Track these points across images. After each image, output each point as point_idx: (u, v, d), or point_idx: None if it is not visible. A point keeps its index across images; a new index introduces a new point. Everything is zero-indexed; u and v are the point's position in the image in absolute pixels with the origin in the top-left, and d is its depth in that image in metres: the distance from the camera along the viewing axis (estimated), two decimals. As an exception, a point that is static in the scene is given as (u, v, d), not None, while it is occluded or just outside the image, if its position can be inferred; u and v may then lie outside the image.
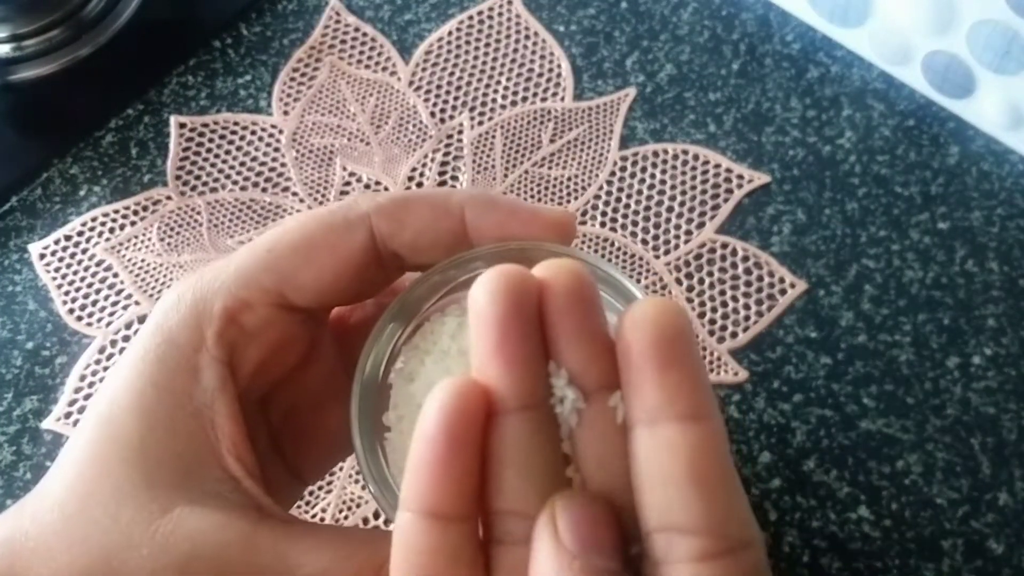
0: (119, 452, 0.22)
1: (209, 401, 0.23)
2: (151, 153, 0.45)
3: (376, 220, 0.25)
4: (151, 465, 0.22)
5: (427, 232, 0.25)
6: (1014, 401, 0.38)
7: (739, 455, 0.37)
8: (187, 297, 0.24)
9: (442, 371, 0.24)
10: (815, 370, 0.39)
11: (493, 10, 0.48)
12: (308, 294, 0.24)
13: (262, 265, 0.24)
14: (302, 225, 0.25)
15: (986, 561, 0.35)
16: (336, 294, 0.25)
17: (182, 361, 0.23)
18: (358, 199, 0.25)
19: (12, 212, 0.44)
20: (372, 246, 0.25)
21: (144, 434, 0.23)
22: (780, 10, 0.47)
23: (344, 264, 0.24)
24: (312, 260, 0.24)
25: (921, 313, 0.40)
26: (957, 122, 0.43)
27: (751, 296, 0.40)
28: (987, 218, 0.41)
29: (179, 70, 0.47)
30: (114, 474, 0.22)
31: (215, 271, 0.24)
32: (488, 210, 0.25)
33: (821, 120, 0.44)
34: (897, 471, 0.37)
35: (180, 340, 0.23)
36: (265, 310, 0.24)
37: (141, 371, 0.23)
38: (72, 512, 0.22)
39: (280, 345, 0.25)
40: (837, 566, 0.35)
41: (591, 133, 0.44)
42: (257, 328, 0.24)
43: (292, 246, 0.24)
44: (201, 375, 0.23)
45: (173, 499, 0.22)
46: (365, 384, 0.24)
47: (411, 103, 0.46)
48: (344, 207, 0.25)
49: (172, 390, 0.23)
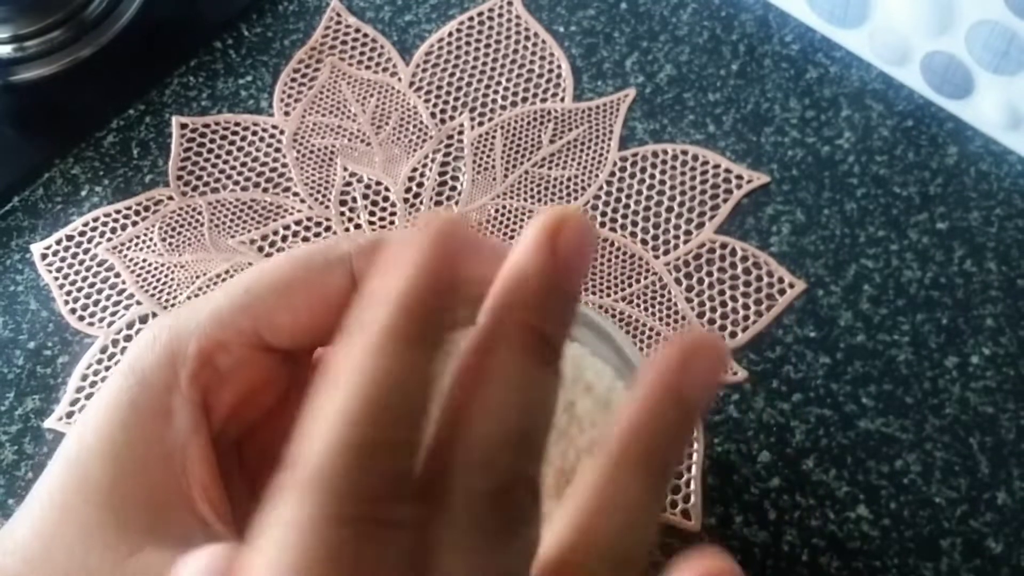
0: (87, 495, 0.22)
1: (181, 444, 0.23)
2: (152, 153, 0.45)
3: (357, 261, 0.24)
4: (120, 508, 0.22)
5: None
6: (1012, 401, 0.38)
7: (738, 454, 0.38)
8: (162, 337, 0.24)
9: None
10: (814, 370, 0.39)
11: (493, 11, 0.48)
12: (285, 335, 0.24)
13: (238, 306, 0.24)
14: (280, 266, 0.24)
15: (984, 560, 0.35)
16: (315, 335, 0.24)
17: (154, 403, 0.23)
18: (339, 240, 0.25)
19: (14, 212, 0.44)
20: (352, 287, 0.24)
21: (114, 477, 0.22)
22: (779, 11, 0.47)
23: (322, 305, 0.24)
24: (289, 301, 0.24)
25: (920, 313, 0.40)
26: (956, 122, 0.43)
27: (750, 296, 0.40)
28: (985, 218, 0.41)
29: (180, 71, 0.47)
30: (81, 517, 0.22)
31: (191, 311, 0.24)
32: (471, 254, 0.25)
33: (820, 120, 0.44)
34: (896, 470, 0.37)
35: (153, 381, 0.23)
36: (241, 351, 0.24)
37: (112, 413, 0.23)
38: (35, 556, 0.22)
39: (256, 387, 0.25)
40: (836, 565, 0.36)
41: (591, 134, 0.45)
42: (232, 370, 0.24)
43: (270, 287, 0.24)
44: (174, 417, 0.23)
45: (141, 543, 0.22)
46: None
47: (412, 104, 0.46)
48: (324, 248, 0.24)
49: (143, 433, 0.23)
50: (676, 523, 0.36)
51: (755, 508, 0.37)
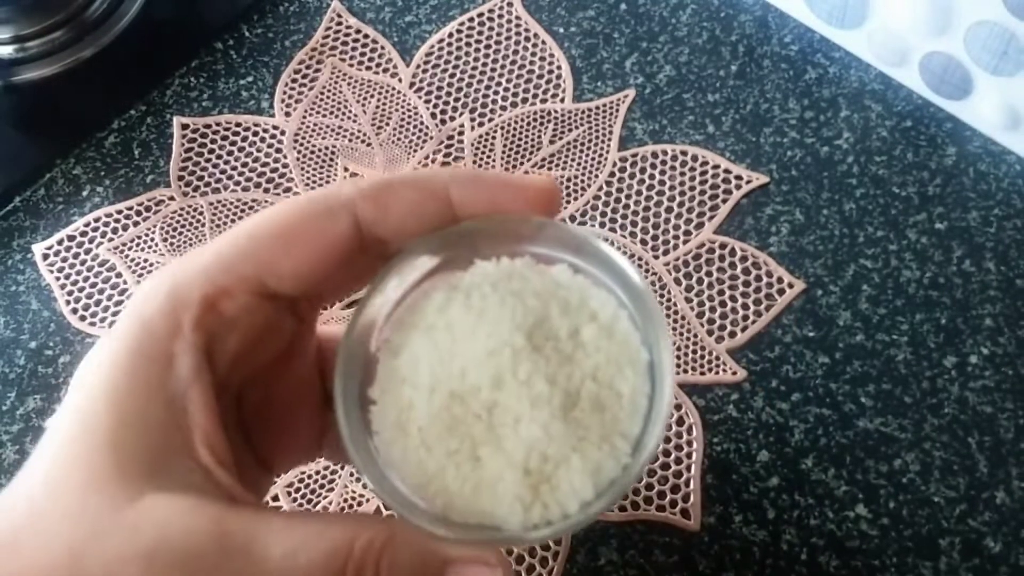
0: (90, 442, 0.22)
1: (183, 389, 0.23)
2: (154, 154, 0.45)
3: (360, 206, 0.24)
4: (122, 455, 0.22)
5: (413, 215, 0.25)
6: (1011, 400, 0.38)
7: (737, 454, 0.38)
8: (165, 284, 0.24)
9: (429, 346, 0.24)
10: (813, 369, 0.39)
11: (493, 12, 0.48)
12: (289, 282, 0.24)
13: (242, 252, 0.24)
14: (284, 212, 0.24)
15: (983, 559, 0.35)
16: (318, 283, 0.25)
17: (157, 349, 0.23)
18: (341, 185, 0.25)
19: (15, 212, 0.44)
20: (355, 233, 0.24)
21: (116, 424, 0.22)
22: (778, 11, 0.47)
23: (326, 252, 0.24)
24: (293, 247, 0.24)
25: (918, 313, 0.40)
26: (954, 123, 0.44)
27: (749, 296, 0.41)
28: (984, 218, 0.42)
29: (181, 71, 0.47)
30: (85, 465, 0.22)
31: (194, 258, 0.24)
32: (474, 187, 0.25)
33: (819, 121, 0.44)
34: (895, 470, 0.37)
35: (156, 328, 0.23)
36: (245, 298, 0.24)
37: (115, 360, 0.23)
38: (41, 505, 0.22)
39: (260, 335, 0.25)
40: (835, 564, 0.36)
41: (591, 134, 0.45)
42: (236, 316, 0.24)
43: (273, 233, 0.24)
44: (176, 363, 0.23)
45: (143, 488, 0.22)
46: (349, 356, 0.24)
47: (412, 104, 0.46)
48: (327, 193, 0.25)
49: (146, 379, 0.23)
50: (675, 522, 0.36)
51: (754, 507, 0.37)
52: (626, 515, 0.37)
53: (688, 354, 0.40)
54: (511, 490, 0.22)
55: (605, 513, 0.37)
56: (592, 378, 0.23)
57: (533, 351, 0.23)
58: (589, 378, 0.23)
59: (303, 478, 0.38)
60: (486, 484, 0.23)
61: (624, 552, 0.36)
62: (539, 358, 0.23)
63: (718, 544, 0.36)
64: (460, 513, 0.23)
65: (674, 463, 0.38)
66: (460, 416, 0.23)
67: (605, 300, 0.24)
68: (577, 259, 0.25)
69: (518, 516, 0.23)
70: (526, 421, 0.23)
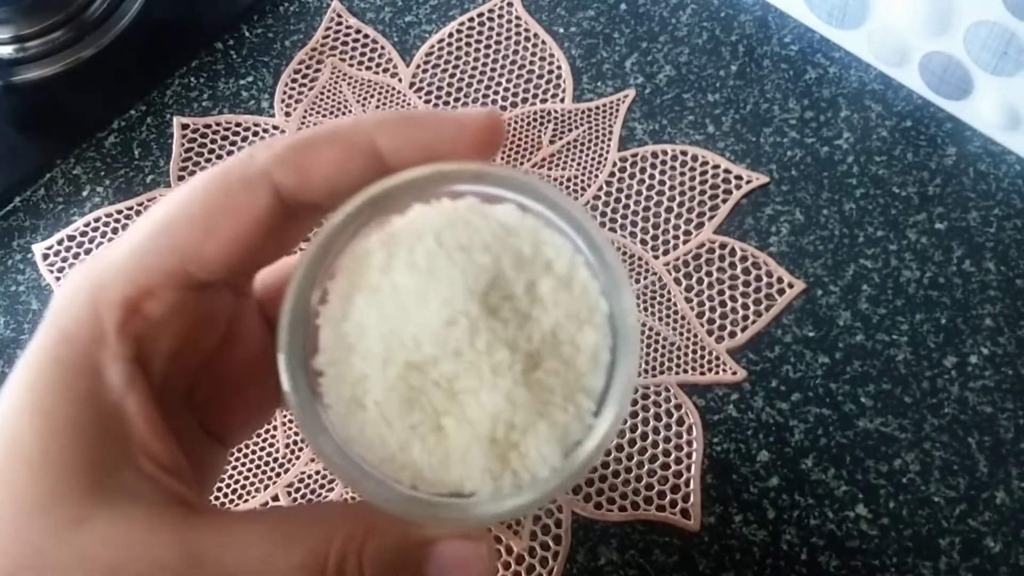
0: (18, 463, 0.20)
1: (115, 401, 0.21)
2: (154, 154, 0.45)
3: (278, 174, 0.22)
4: (58, 473, 0.20)
5: (340, 176, 0.22)
6: (1011, 400, 0.38)
7: (737, 454, 0.38)
8: (83, 290, 0.21)
9: (376, 313, 0.22)
10: (813, 369, 0.39)
11: (493, 12, 0.48)
12: (215, 268, 0.22)
13: (160, 245, 0.21)
14: (198, 193, 0.22)
15: (983, 559, 0.35)
16: (248, 261, 0.23)
17: (82, 359, 0.21)
18: (254, 151, 0.22)
19: (15, 212, 0.44)
20: (278, 203, 0.22)
21: (47, 441, 0.20)
22: (778, 11, 0.47)
23: (250, 229, 0.22)
24: (213, 231, 0.22)
25: (918, 313, 0.40)
26: (954, 123, 0.44)
27: (749, 296, 0.41)
28: (984, 218, 0.42)
29: (181, 71, 0.47)
30: (15, 487, 0.20)
31: (111, 256, 0.22)
32: (403, 133, 0.22)
33: (819, 121, 0.44)
34: (895, 470, 0.37)
35: (78, 337, 0.21)
36: (171, 295, 0.22)
37: (38, 374, 0.21)
38: None
39: (195, 327, 0.23)
40: (835, 564, 0.36)
41: (591, 134, 0.45)
42: (165, 316, 0.22)
43: (190, 219, 0.22)
44: (105, 374, 0.21)
45: (87, 506, 0.20)
46: (291, 328, 0.22)
47: (412, 104, 0.46)
48: (240, 163, 0.22)
49: (73, 392, 0.21)
50: (675, 522, 0.36)
51: (754, 507, 0.37)
52: (626, 515, 0.37)
53: (688, 354, 0.40)
54: (479, 462, 0.22)
55: (604, 514, 0.37)
56: (552, 335, 0.22)
57: (490, 316, 0.22)
58: (549, 335, 0.22)
59: (303, 478, 0.38)
60: (454, 456, 0.22)
61: (624, 552, 0.36)
62: (496, 323, 0.22)
63: (718, 544, 0.36)
64: (430, 485, 0.22)
65: (674, 463, 0.38)
66: (419, 386, 0.22)
67: (560, 245, 0.23)
68: (523, 198, 0.23)
69: (489, 486, 0.22)
70: (488, 390, 0.22)
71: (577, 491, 0.37)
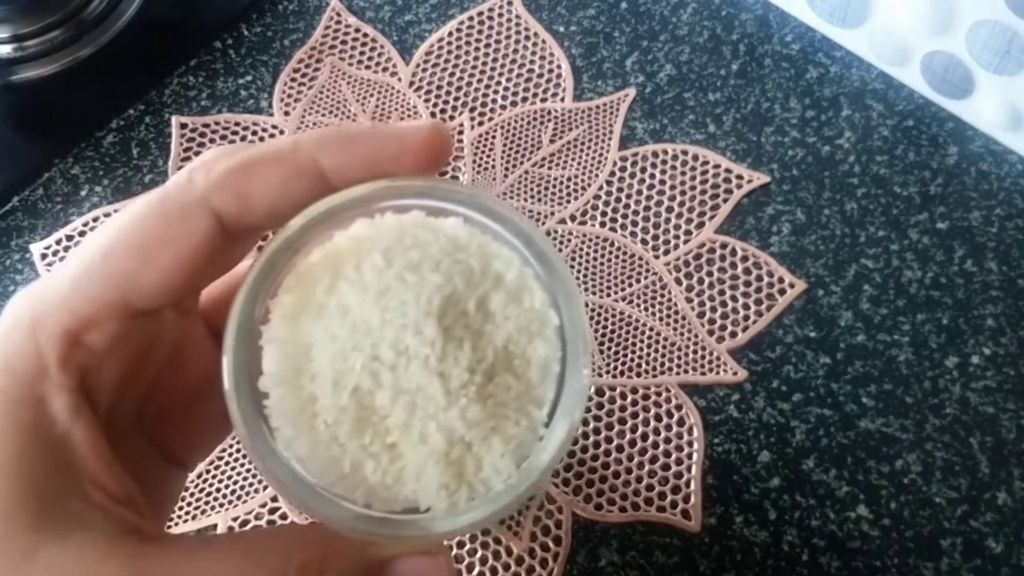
0: None
1: (61, 433, 0.20)
2: (152, 153, 0.45)
3: (218, 201, 0.22)
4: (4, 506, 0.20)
5: (282, 199, 0.22)
6: (1013, 400, 0.38)
7: (738, 454, 0.38)
8: (24, 320, 0.21)
9: (322, 331, 0.22)
10: (814, 370, 0.39)
11: (493, 11, 0.48)
12: (155, 297, 0.22)
13: (99, 276, 0.21)
14: (136, 221, 0.22)
15: (985, 560, 0.35)
16: (189, 286, 0.22)
17: (24, 392, 0.21)
18: (192, 176, 0.22)
19: (14, 212, 0.44)
20: (218, 229, 0.22)
21: None
22: (779, 11, 0.47)
23: (188, 258, 0.22)
24: (151, 261, 0.21)
25: (920, 313, 0.40)
26: (956, 122, 0.43)
27: (750, 296, 0.40)
28: (986, 218, 0.41)
29: (180, 70, 0.47)
30: None
31: (51, 286, 0.22)
32: (345, 151, 0.22)
33: (820, 120, 0.44)
34: (896, 470, 0.37)
35: (20, 369, 0.21)
36: (113, 324, 0.21)
37: None
38: None
39: (140, 354, 0.23)
40: (836, 565, 0.35)
41: (591, 133, 0.45)
42: (108, 346, 0.21)
43: (128, 248, 0.21)
44: (49, 406, 0.21)
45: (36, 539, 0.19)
46: (236, 351, 0.21)
47: (412, 103, 0.46)
48: (178, 189, 0.22)
49: (16, 424, 0.20)
50: (676, 523, 0.36)
51: (755, 508, 0.37)
52: (626, 516, 0.37)
53: (688, 354, 0.39)
54: (435, 479, 0.22)
55: (605, 515, 0.37)
56: (504, 349, 0.22)
57: (444, 336, 0.22)
58: (502, 351, 0.22)
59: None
60: (408, 473, 0.22)
61: (625, 553, 0.36)
62: (451, 346, 0.22)
63: (719, 545, 0.36)
64: (384, 503, 0.22)
65: (675, 463, 0.38)
66: (370, 406, 0.22)
67: (508, 259, 0.23)
68: (470, 212, 0.23)
69: (444, 501, 0.22)
70: (443, 410, 0.22)
71: (577, 492, 0.37)
